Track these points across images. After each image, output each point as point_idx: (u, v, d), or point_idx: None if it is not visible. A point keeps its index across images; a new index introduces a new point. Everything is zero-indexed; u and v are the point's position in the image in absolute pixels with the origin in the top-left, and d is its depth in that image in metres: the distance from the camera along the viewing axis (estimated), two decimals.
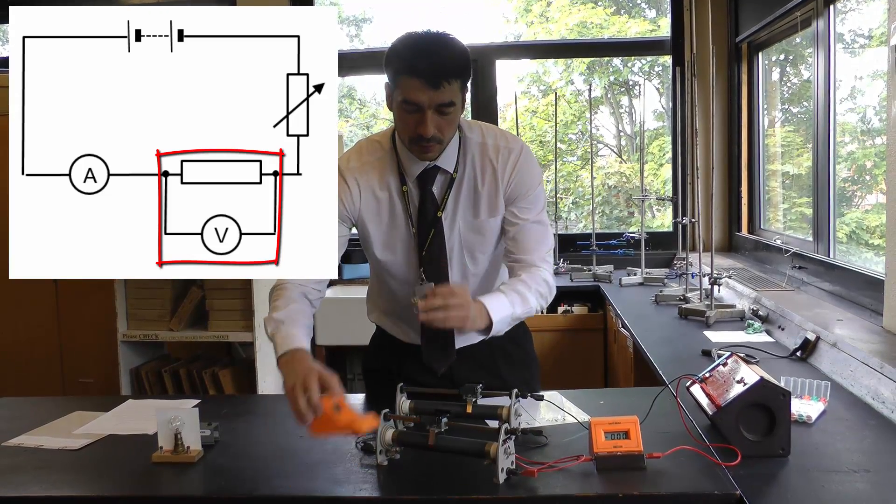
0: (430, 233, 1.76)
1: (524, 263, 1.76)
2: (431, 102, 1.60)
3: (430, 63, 1.58)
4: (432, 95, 1.59)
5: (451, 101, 1.61)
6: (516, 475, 1.36)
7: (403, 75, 1.60)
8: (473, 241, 1.80)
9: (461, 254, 1.81)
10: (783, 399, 1.47)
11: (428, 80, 1.57)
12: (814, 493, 1.33)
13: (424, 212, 1.76)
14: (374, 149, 1.80)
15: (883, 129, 3.07)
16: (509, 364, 1.92)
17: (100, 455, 1.62)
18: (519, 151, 1.77)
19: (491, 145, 1.77)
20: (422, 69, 1.57)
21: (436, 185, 1.76)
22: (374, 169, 1.77)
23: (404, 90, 1.60)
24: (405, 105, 1.62)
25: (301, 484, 1.42)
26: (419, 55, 1.59)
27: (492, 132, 1.80)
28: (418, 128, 1.63)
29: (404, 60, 1.60)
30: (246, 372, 3.33)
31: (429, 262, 1.77)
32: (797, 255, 3.26)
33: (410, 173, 1.76)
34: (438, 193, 1.77)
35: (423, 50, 1.60)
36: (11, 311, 3.78)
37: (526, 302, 1.69)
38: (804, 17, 3.30)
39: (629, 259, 4.24)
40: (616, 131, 6.96)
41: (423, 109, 1.60)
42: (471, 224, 1.78)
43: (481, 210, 1.78)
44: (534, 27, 6.62)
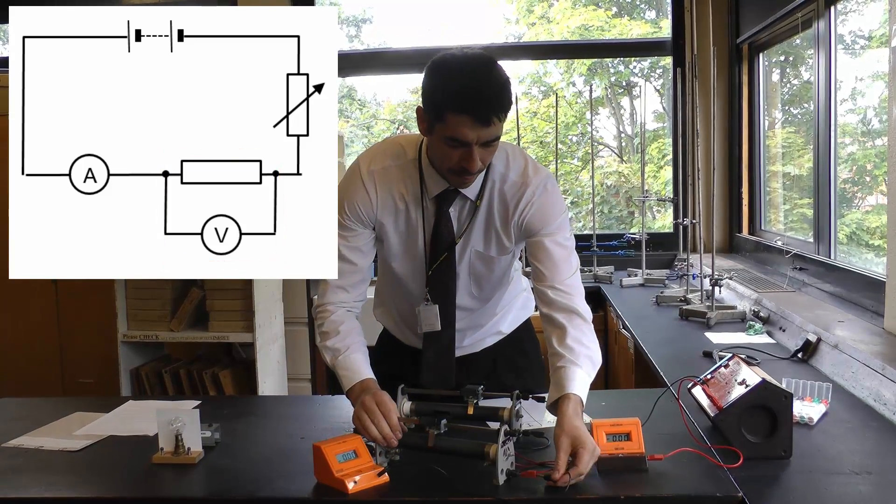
0: (443, 256, 1.71)
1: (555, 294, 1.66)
2: (480, 139, 1.51)
3: (481, 100, 1.48)
4: (481, 133, 1.50)
5: (497, 137, 1.54)
6: (516, 477, 1.35)
7: (450, 112, 1.49)
8: (481, 271, 1.76)
9: (468, 280, 1.77)
10: (785, 401, 1.46)
11: (479, 118, 1.48)
12: (816, 494, 1.33)
13: (439, 233, 1.70)
14: (399, 154, 1.71)
15: (883, 131, 3.07)
16: (514, 373, 1.91)
17: (100, 456, 1.61)
18: (537, 188, 1.67)
19: (511, 180, 1.68)
20: (473, 108, 1.47)
21: (453, 207, 1.70)
22: (396, 175, 1.69)
23: (451, 127, 1.50)
24: (450, 141, 1.52)
25: (302, 485, 1.41)
26: (470, 92, 1.48)
27: (516, 164, 1.70)
28: (463, 162, 1.54)
29: (453, 96, 1.49)
30: (246, 373, 3.33)
31: (435, 284, 1.73)
32: (798, 256, 3.26)
33: (431, 190, 1.68)
34: (456, 217, 1.70)
35: (474, 86, 1.48)
36: (11, 311, 3.77)
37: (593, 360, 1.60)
38: (805, 19, 3.29)
39: (630, 260, 4.24)
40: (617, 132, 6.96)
41: (469, 145, 1.51)
42: (480, 255, 1.74)
43: (491, 244, 1.72)
44: (535, 28, 6.62)
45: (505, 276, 1.82)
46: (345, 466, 1.38)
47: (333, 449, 1.40)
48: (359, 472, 1.38)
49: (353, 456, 1.40)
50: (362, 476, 1.38)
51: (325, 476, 1.39)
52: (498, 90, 1.50)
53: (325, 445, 1.40)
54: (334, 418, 1.79)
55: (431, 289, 1.73)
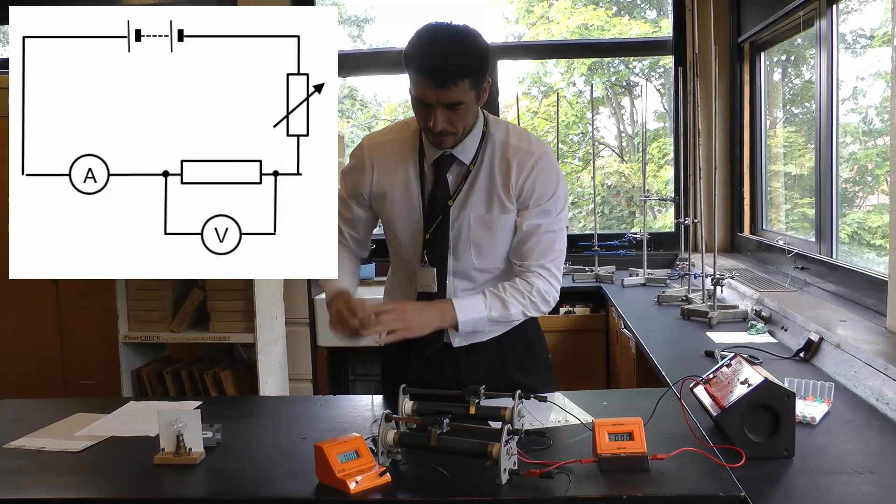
0: (438, 219, 1.78)
1: (522, 269, 1.79)
2: (439, 100, 1.62)
3: (438, 63, 1.60)
4: (440, 94, 1.61)
5: (459, 101, 1.63)
6: (518, 476, 1.35)
7: (414, 72, 1.64)
8: (481, 236, 1.80)
9: (467, 246, 1.81)
10: (787, 400, 1.46)
11: (435, 79, 1.60)
12: (818, 494, 1.32)
13: (435, 197, 1.79)
14: (401, 128, 1.86)
15: (885, 130, 3.06)
16: (519, 367, 1.91)
17: (101, 457, 1.61)
18: (538, 157, 1.77)
19: (513, 146, 1.78)
20: (429, 69, 1.60)
21: (450, 173, 1.79)
22: (395, 146, 1.82)
23: (415, 86, 1.65)
24: (416, 100, 1.66)
25: (303, 486, 1.41)
26: (428, 54, 1.62)
27: (517, 133, 1.82)
28: (427, 121, 1.67)
29: (415, 58, 1.63)
30: (247, 373, 3.32)
31: (432, 247, 1.80)
32: (800, 255, 3.25)
33: (428, 157, 1.79)
34: (452, 182, 1.79)
35: (434, 49, 1.62)
36: (12, 312, 3.77)
37: (506, 307, 1.74)
38: (806, 18, 3.29)
39: (631, 260, 4.23)
40: (617, 132, 6.95)
41: (432, 105, 1.63)
42: (481, 218, 1.79)
43: (494, 206, 1.78)
44: (535, 28, 6.62)
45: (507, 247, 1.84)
46: (346, 466, 1.38)
47: (335, 449, 1.39)
48: (360, 472, 1.38)
49: (354, 456, 1.40)
50: (364, 476, 1.37)
51: (326, 476, 1.39)
52: (458, 55, 1.61)
53: (326, 445, 1.39)
54: (336, 418, 1.79)
55: (428, 251, 1.80)
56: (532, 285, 1.77)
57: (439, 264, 1.80)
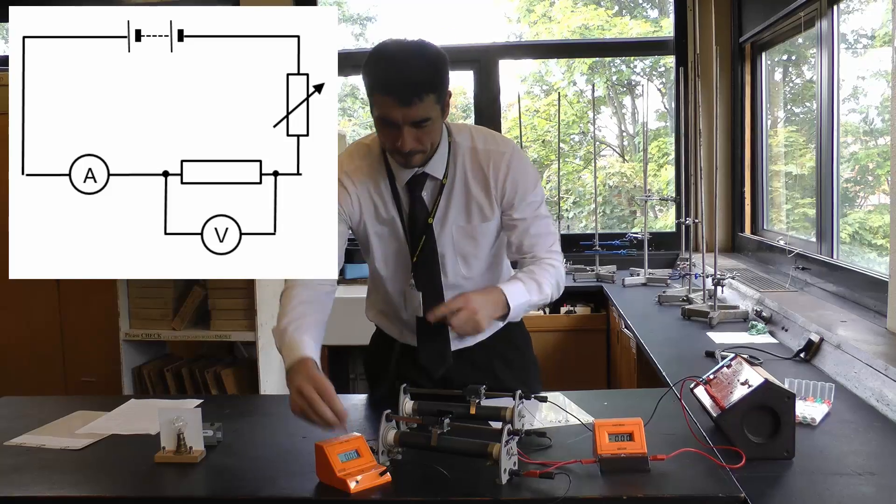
0: (422, 239, 1.75)
1: (534, 259, 1.77)
2: (406, 119, 1.57)
3: (399, 81, 1.54)
4: (406, 112, 1.56)
5: (426, 117, 1.58)
6: (519, 476, 1.35)
7: (376, 92, 1.58)
8: (466, 247, 1.79)
9: (454, 259, 1.80)
10: (788, 401, 1.46)
11: (399, 98, 1.54)
12: (818, 495, 1.32)
13: (415, 218, 1.75)
14: (364, 153, 1.78)
15: (885, 130, 3.06)
16: (507, 367, 1.91)
17: (102, 455, 1.61)
18: (510, 154, 1.75)
19: (481, 150, 1.75)
20: (392, 87, 1.55)
21: (425, 190, 1.75)
22: (367, 173, 1.76)
23: (378, 107, 1.58)
24: (380, 121, 1.60)
25: (304, 485, 1.41)
26: (389, 72, 1.56)
27: (481, 135, 1.78)
28: (395, 142, 1.60)
29: (375, 77, 1.58)
30: (248, 371, 3.32)
31: (420, 269, 1.76)
32: (800, 255, 3.25)
33: (400, 179, 1.74)
34: (429, 199, 1.75)
35: (393, 66, 1.56)
36: (14, 310, 3.78)
37: (542, 289, 1.72)
38: (808, 18, 3.29)
39: (632, 259, 4.23)
40: (619, 132, 6.95)
41: (398, 125, 1.58)
42: (463, 229, 1.77)
43: (473, 215, 1.76)
44: (536, 27, 6.61)
45: (492, 253, 1.84)
46: (347, 466, 1.38)
47: (335, 448, 1.39)
48: (361, 471, 1.38)
49: (355, 455, 1.40)
50: (364, 476, 1.38)
51: (326, 476, 1.39)
52: (418, 71, 1.56)
53: (327, 445, 1.40)
54: None
55: (416, 274, 1.77)
56: (554, 268, 1.77)
57: (429, 284, 1.76)
